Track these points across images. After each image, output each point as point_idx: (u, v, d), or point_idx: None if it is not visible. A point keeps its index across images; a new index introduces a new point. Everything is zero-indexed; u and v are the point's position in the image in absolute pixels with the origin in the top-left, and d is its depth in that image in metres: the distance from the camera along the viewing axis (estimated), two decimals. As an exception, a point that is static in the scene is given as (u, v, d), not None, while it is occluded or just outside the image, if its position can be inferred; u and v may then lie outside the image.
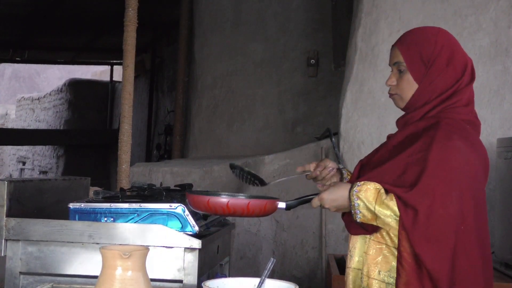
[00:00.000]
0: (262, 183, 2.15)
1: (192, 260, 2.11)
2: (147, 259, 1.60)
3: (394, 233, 1.89)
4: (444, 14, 3.86)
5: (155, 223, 2.13)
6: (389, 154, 1.98)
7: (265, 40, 5.94)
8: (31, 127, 15.76)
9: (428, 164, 1.85)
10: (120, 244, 2.06)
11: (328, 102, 5.44)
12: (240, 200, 1.95)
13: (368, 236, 1.95)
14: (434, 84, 1.95)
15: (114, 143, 5.44)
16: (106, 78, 15.10)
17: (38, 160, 15.49)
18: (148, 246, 1.98)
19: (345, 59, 4.46)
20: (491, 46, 3.79)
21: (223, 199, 1.92)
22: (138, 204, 2.17)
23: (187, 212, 2.14)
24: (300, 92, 5.73)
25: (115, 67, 14.09)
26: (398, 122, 2.04)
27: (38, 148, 15.39)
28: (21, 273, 2.17)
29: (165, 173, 4.73)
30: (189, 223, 2.13)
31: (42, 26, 10.49)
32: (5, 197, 2.17)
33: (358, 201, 1.89)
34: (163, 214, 2.15)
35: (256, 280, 1.80)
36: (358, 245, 1.99)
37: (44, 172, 14.96)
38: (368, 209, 1.88)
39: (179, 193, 2.57)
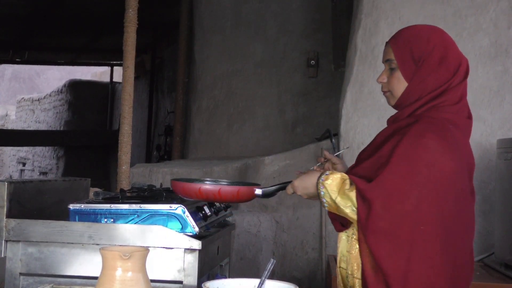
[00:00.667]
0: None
1: (192, 261, 2.11)
2: (147, 260, 1.60)
3: None
4: (444, 14, 3.86)
5: (155, 224, 2.13)
6: (372, 151, 1.99)
7: (265, 40, 5.94)
8: (31, 128, 15.76)
9: (391, 159, 1.84)
10: (120, 245, 2.06)
11: (328, 102, 5.44)
12: (212, 186, 2.06)
13: (350, 235, 1.95)
14: (424, 83, 1.93)
15: (114, 144, 5.44)
16: (106, 79, 15.10)
17: (38, 161, 15.49)
18: (148, 247, 1.98)
19: (345, 60, 4.46)
20: (491, 47, 3.79)
21: (196, 185, 2.03)
22: (138, 205, 2.17)
23: (187, 213, 2.14)
24: (300, 92, 5.73)
25: (115, 68, 14.09)
26: (389, 119, 2.04)
27: (38, 149, 15.39)
28: (21, 274, 2.17)
29: (165, 174, 4.73)
30: (189, 224, 2.13)
31: (42, 27, 10.50)
32: (5, 198, 2.17)
33: (324, 190, 1.91)
34: (163, 215, 2.15)
35: (256, 281, 1.80)
36: (341, 244, 2.00)
37: (44, 173, 14.96)
38: (330, 198, 1.89)
39: (179, 194, 2.57)
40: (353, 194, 1.85)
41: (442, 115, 1.90)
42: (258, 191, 2.08)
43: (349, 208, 1.86)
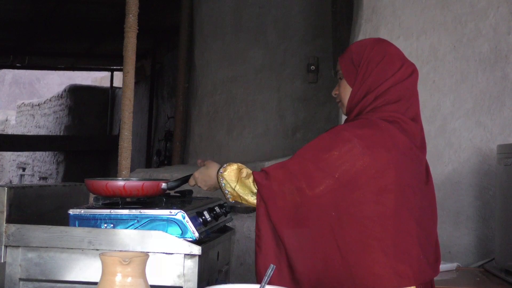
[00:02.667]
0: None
1: (192, 266, 2.10)
2: (147, 265, 1.59)
3: None
4: (444, 20, 3.87)
5: (155, 230, 2.13)
6: None
7: (265, 46, 5.94)
8: (31, 133, 15.76)
9: (305, 146, 1.95)
10: (120, 251, 2.06)
11: (328, 108, 5.45)
12: (117, 181, 2.25)
13: None
14: (365, 84, 1.99)
15: (114, 149, 5.44)
16: (106, 84, 15.13)
17: (38, 166, 15.49)
18: (148, 252, 1.98)
19: (345, 65, 4.46)
20: (491, 53, 3.79)
21: (103, 182, 2.21)
22: (138, 210, 2.17)
23: (187, 218, 2.14)
24: (300, 98, 5.73)
25: (115, 73, 14.12)
26: None
27: (38, 154, 15.40)
28: (20, 279, 2.17)
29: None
30: (189, 229, 2.13)
31: (43, 32, 10.52)
32: (5, 203, 2.17)
33: (223, 181, 2.03)
34: (163, 220, 2.15)
35: (256, 287, 1.79)
36: None
37: (44, 178, 14.96)
38: (231, 187, 2.01)
39: (179, 199, 2.57)
40: (249, 181, 1.98)
41: (378, 114, 1.95)
42: (163, 185, 2.25)
43: (247, 195, 1.99)
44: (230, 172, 2.03)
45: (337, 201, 1.86)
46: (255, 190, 1.97)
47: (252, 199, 1.99)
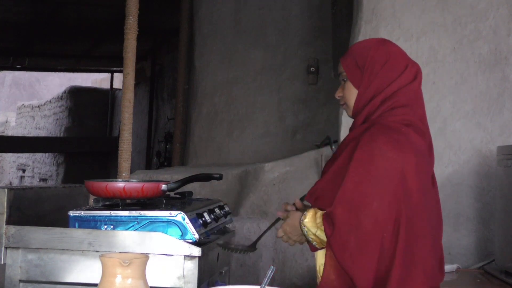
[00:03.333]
0: (251, 247, 2.29)
1: (192, 268, 2.10)
2: (147, 267, 1.59)
3: None
4: (444, 22, 3.87)
5: (155, 231, 2.13)
6: (332, 161, 2.07)
7: (265, 47, 5.95)
8: (31, 135, 15.76)
9: (349, 169, 1.89)
10: (120, 252, 2.06)
11: (328, 109, 5.45)
12: (117, 183, 2.24)
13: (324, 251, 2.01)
14: (371, 86, 1.99)
15: (114, 151, 5.44)
16: (106, 85, 15.12)
17: (38, 168, 15.49)
18: (148, 254, 1.98)
19: (345, 66, 4.46)
20: (491, 54, 3.79)
21: (103, 183, 2.21)
22: (138, 212, 2.17)
23: (187, 220, 2.14)
24: (300, 99, 5.73)
25: (115, 74, 14.11)
26: (350, 129, 2.09)
27: (38, 155, 15.39)
28: (20, 281, 2.17)
29: (165, 181, 4.72)
30: (189, 231, 2.13)
31: (43, 34, 10.51)
32: (5, 204, 2.17)
33: (305, 229, 2.01)
34: (163, 221, 2.15)
35: (256, 288, 1.79)
36: (318, 257, 2.06)
37: (44, 180, 14.95)
38: (313, 234, 1.98)
39: (179, 200, 2.57)
40: (321, 223, 1.95)
41: (393, 118, 1.94)
42: (163, 187, 2.25)
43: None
44: (310, 219, 2.00)
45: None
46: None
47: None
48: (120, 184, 2.23)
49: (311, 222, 1.98)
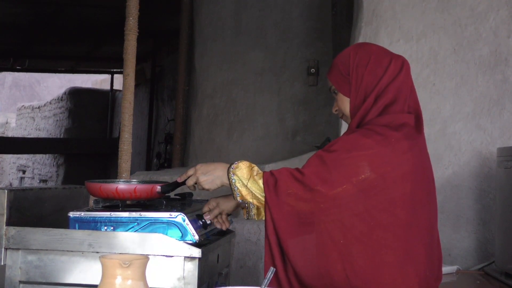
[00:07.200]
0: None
1: (192, 269, 2.10)
2: (147, 268, 1.59)
3: None
4: (444, 23, 3.87)
5: (155, 232, 2.13)
6: None
7: (265, 49, 5.95)
8: (31, 136, 15.77)
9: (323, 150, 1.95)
10: (120, 253, 2.06)
11: (328, 111, 5.45)
12: (110, 184, 2.24)
13: None
14: (360, 89, 2.00)
15: (114, 152, 5.45)
16: (107, 86, 15.13)
17: (38, 169, 15.49)
18: (148, 255, 1.98)
19: (345, 68, 4.46)
20: (491, 56, 3.79)
21: (97, 184, 2.22)
22: (138, 213, 2.17)
23: (187, 221, 2.14)
24: (300, 101, 5.73)
25: (115, 75, 14.12)
26: (344, 133, 2.08)
27: (38, 156, 15.39)
28: (20, 282, 2.17)
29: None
30: (189, 232, 2.13)
31: (43, 35, 10.53)
32: (5, 205, 2.17)
33: (235, 177, 2.00)
34: (163, 223, 2.15)
35: (256, 289, 1.79)
36: None
37: (44, 181, 14.96)
38: (243, 184, 1.98)
39: (179, 202, 2.57)
40: (260, 182, 1.98)
41: (384, 121, 1.94)
42: (158, 188, 2.23)
43: (259, 194, 1.97)
44: (243, 169, 2.01)
45: (355, 204, 1.85)
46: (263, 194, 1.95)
47: (262, 200, 1.96)
48: (113, 186, 2.23)
49: (245, 172, 2.00)
